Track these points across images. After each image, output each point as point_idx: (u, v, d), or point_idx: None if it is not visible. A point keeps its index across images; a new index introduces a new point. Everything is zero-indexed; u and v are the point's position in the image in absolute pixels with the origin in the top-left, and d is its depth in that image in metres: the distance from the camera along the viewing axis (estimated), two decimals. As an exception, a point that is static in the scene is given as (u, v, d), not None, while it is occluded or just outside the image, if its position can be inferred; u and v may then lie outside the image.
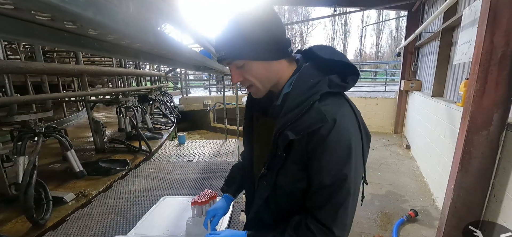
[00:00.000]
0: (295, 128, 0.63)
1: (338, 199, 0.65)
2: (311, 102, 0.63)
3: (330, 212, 0.66)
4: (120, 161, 2.72)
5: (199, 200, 1.38)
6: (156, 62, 2.95)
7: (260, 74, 0.70)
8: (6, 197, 1.85)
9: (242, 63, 0.68)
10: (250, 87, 0.73)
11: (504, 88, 1.60)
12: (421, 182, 3.62)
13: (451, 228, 1.93)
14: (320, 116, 0.62)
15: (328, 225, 0.66)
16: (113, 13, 0.71)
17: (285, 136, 0.64)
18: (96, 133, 3.04)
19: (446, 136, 3.01)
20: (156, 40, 1.03)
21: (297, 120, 0.64)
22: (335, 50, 0.72)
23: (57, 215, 1.76)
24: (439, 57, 3.65)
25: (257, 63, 0.68)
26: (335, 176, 0.64)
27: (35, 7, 0.55)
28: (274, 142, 0.68)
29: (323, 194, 0.65)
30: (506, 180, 1.66)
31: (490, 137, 1.70)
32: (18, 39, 1.09)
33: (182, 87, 9.47)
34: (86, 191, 2.08)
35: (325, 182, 0.64)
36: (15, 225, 1.64)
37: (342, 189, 0.64)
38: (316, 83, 0.66)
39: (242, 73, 0.71)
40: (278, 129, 0.66)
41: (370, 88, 10.81)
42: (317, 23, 28.64)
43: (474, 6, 2.12)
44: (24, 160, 1.80)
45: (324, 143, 0.62)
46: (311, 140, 0.63)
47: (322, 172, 0.64)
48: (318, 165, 0.64)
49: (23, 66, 1.90)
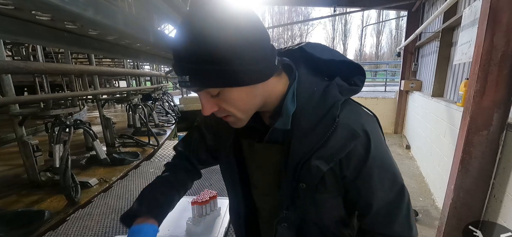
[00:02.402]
0: (324, 155, 0.52)
1: (404, 209, 0.58)
2: (334, 118, 0.52)
3: (402, 224, 0.58)
4: (131, 153, 3.00)
5: (199, 200, 1.38)
6: (156, 62, 3.02)
7: (242, 103, 0.52)
8: (36, 182, 2.12)
9: (217, 91, 0.49)
10: (228, 117, 0.55)
11: (504, 88, 1.60)
12: (421, 182, 3.62)
13: (451, 228, 1.93)
14: (351, 132, 0.52)
15: (406, 235, 0.59)
16: (113, 13, 0.71)
17: (313, 168, 0.53)
18: (106, 129, 3.21)
19: (446, 136, 3.01)
20: (156, 40, 1.04)
21: (324, 145, 0.52)
22: (329, 48, 0.59)
23: (86, 196, 2.05)
24: (439, 57, 3.65)
25: (238, 90, 0.50)
26: (393, 190, 0.56)
27: (35, 7, 0.55)
28: (295, 175, 0.55)
29: (388, 212, 0.58)
30: (506, 180, 1.65)
31: (490, 137, 1.70)
32: (18, 39, 1.09)
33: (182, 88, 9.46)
34: (106, 177, 2.39)
35: (385, 200, 0.56)
36: (51, 204, 1.91)
37: (404, 198, 0.57)
38: (326, 92, 0.54)
39: (217, 102, 0.52)
40: (299, 160, 0.53)
41: (370, 88, 10.80)
42: (317, 23, 28.69)
43: (474, 6, 2.11)
44: (60, 148, 2.09)
45: (367, 162, 0.53)
46: (347, 163, 0.53)
47: (378, 193, 0.56)
48: (369, 187, 0.55)
49: (23, 66, 1.90)
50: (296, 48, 0.59)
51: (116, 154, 2.92)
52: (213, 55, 0.44)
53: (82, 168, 2.62)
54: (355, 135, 0.52)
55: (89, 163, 2.73)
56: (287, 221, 0.61)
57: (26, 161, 2.09)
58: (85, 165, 2.70)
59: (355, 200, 0.59)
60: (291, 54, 0.59)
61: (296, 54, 0.58)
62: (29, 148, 2.04)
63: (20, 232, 1.56)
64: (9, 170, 2.65)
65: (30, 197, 1.99)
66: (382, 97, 6.68)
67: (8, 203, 1.92)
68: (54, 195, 2.02)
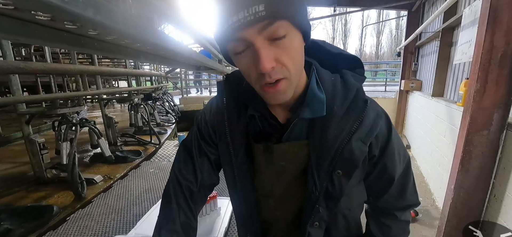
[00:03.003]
0: (361, 135, 0.52)
1: (412, 176, 0.65)
2: (365, 100, 0.53)
3: (413, 191, 0.66)
4: (134, 152, 3.08)
5: (199, 200, 1.37)
6: (156, 62, 3.04)
7: (298, 57, 0.46)
8: (43, 179, 2.20)
9: (284, 31, 0.42)
10: (280, 82, 0.45)
11: (504, 88, 1.60)
12: (421, 182, 3.62)
13: (451, 228, 1.93)
14: (377, 112, 0.55)
15: (415, 201, 0.67)
16: (113, 13, 0.71)
17: (357, 150, 0.52)
18: (109, 128, 3.31)
19: (446, 136, 3.00)
20: (156, 40, 1.03)
21: (360, 126, 0.52)
22: (331, 44, 0.62)
23: (91, 192, 2.12)
24: (439, 57, 3.65)
25: (298, 40, 0.45)
26: (405, 160, 0.62)
27: (35, 7, 0.55)
28: (331, 163, 0.53)
29: (402, 181, 0.63)
30: (506, 180, 1.65)
31: (491, 137, 1.70)
32: (18, 39, 1.09)
33: (182, 87, 9.47)
34: (110, 175, 2.47)
35: (401, 170, 0.62)
36: (58, 199, 1.98)
37: (410, 166, 0.64)
38: (346, 80, 0.55)
39: (277, 52, 0.43)
40: (340, 144, 0.52)
41: (370, 88, 10.80)
42: (317, 23, 28.61)
43: (474, 6, 2.11)
44: (67, 145, 2.14)
45: (391, 139, 0.57)
46: (376, 142, 0.56)
47: (397, 165, 0.60)
48: (393, 162, 0.59)
49: (24, 66, 1.91)
50: (310, 42, 0.56)
51: (119, 152, 3.01)
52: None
53: (86, 166, 2.69)
54: (380, 115, 0.55)
55: (93, 161, 2.81)
56: (320, 220, 0.58)
57: (33, 158, 2.14)
58: (89, 163, 2.78)
59: (378, 178, 0.61)
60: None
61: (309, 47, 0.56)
62: (36, 146, 2.11)
63: (31, 225, 1.61)
64: (14, 167, 2.70)
65: (37, 193, 2.07)
66: (382, 97, 6.67)
67: (17, 199, 1.99)
68: (60, 191, 2.08)
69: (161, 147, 3.54)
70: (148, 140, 3.48)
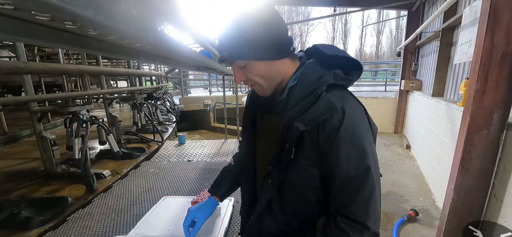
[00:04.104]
0: (304, 119, 0.63)
1: (366, 191, 0.62)
2: (318, 93, 0.63)
3: (360, 206, 0.62)
4: (138, 149, 3.19)
5: (199, 200, 1.38)
6: (156, 62, 3.07)
7: (262, 73, 0.69)
8: (53, 174, 2.34)
9: (244, 63, 0.68)
10: (254, 85, 0.72)
11: (504, 88, 1.60)
12: (421, 182, 3.62)
13: (452, 228, 1.93)
14: (329, 106, 0.62)
15: (362, 220, 0.62)
16: (113, 13, 0.71)
17: (294, 128, 0.63)
18: (113, 126, 3.40)
19: (446, 135, 3.00)
20: (156, 40, 1.03)
21: (306, 112, 0.63)
22: (338, 48, 0.72)
23: (101, 185, 2.23)
24: (439, 57, 3.65)
25: (259, 63, 0.67)
26: (357, 168, 0.61)
27: (35, 7, 0.55)
28: (282, 137, 0.66)
29: (349, 189, 0.62)
30: (506, 180, 1.65)
31: (491, 137, 1.70)
32: (18, 39, 1.09)
33: (182, 87, 9.47)
34: (117, 170, 2.59)
35: (349, 175, 0.62)
36: (71, 192, 2.11)
37: (367, 180, 0.62)
38: (321, 76, 0.67)
39: (244, 73, 0.70)
40: (285, 122, 0.65)
41: (370, 88, 10.81)
42: (317, 23, 28.65)
43: (474, 6, 2.11)
44: (78, 141, 2.29)
45: (339, 134, 0.61)
46: (323, 132, 0.62)
47: (343, 165, 0.62)
48: (337, 159, 0.62)
49: (23, 66, 1.91)
50: (312, 46, 0.74)
51: (124, 149, 3.13)
52: (242, 39, 0.64)
53: (92, 162, 2.75)
54: (332, 108, 0.62)
55: (99, 157, 2.93)
56: (271, 177, 0.72)
57: (44, 154, 2.26)
58: (95, 159, 2.88)
59: (325, 172, 0.65)
60: (308, 51, 0.75)
61: (310, 51, 0.74)
62: (47, 142, 2.22)
63: (48, 214, 1.75)
64: (24, 163, 2.82)
65: (49, 187, 2.17)
66: (382, 97, 6.67)
67: (30, 192, 2.10)
68: (71, 184, 2.21)
69: (163, 144, 3.60)
70: (151, 138, 3.58)
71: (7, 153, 3.20)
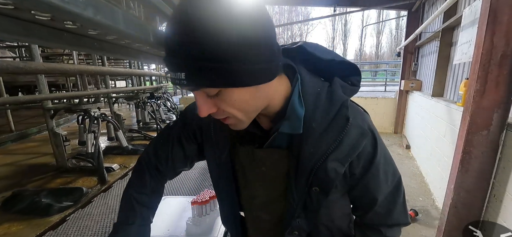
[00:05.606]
0: (339, 156, 0.51)
1: (401, 197, 0.62)
2: (346, 118, 0.51)
3: (399, 211, 0.63)
4: (143, 145, 3.45)
5: (199, 200, 1.38)
6: (156, 62, 3.08)
7: (244, 104, 0.45)
8: (64, 168, 2.53)
9: (215, 91, 0.43)
10: (227, 119, 0.49)
11: (504, 88, 1.60)
12: (421, 182, 3.62)
13: (451, 228, 1.93)
14: (361, 132, 0.52)
15: (401, 222, 0.64)
16: (113, 13, 0.71)
17: (332, 171, 0.52)
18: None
19: (446, 136, 3.00)
20: (156, 40, 1.03)
21: (338, 146, 0.51)
22: (330, 50, 0.56)
23: (111, 178, 2.41)
24: (439, 57, 3.65)
25: (240, 90, 0.43)
26: (393, 182, 0.60)
27: (35, 7, 0.55)
28: (307, 179, 0.53)
29: (387, 203, 0.61)
30: (506, 180, 1.65)
31: (490, 137, 1.70)
32: (18, 39, 1.09)
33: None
34: (125, 164, 2.78)
35: (388, 192, 0.60)
36: (84, 183, 2.26)
37: (401, 186, 0.62)
38: (331, 93, 0.51)
39: (215, 103, 0.45)
40: (315, 162, 0.51)
41: (370, 88, 10.80)
42: (317, 23, 28.69)
43: (474, 6, 2.11)
44: (91, 137, 2.41)
45: (375, 159, 0.54)
46: (358, 161, 0.54)
47: (383, 188, 0.58)
48: (376, 183, 0.57)
49: (23, 66, 1.91)
50: (295, 47, 0.54)
51: (130, 145, 3.35)
52: (213, 52, 0.37)
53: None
54: (364, 134, 0.52)
55: (105, 152, 3.12)
56: (299, 229, 0.60)
57: (56, 149, 2.43)
58: (103, 155, 3.09)
59: (360, 196, 0.60)
60: (288, 53, 0.54)
61: (293, 54, 0.54)
62: (59, 138, 2.40)
63: (67, 201, 1.95)
64: (36, 158, 3.02)
65: (62, 179, 2.35)
66: (382, 97, 6.67)
67: (46, 183, 2.27)
68: (83, 177, 2.39)
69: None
70: (154, 136, 3.76)
71: (16, 150, 3.41)
